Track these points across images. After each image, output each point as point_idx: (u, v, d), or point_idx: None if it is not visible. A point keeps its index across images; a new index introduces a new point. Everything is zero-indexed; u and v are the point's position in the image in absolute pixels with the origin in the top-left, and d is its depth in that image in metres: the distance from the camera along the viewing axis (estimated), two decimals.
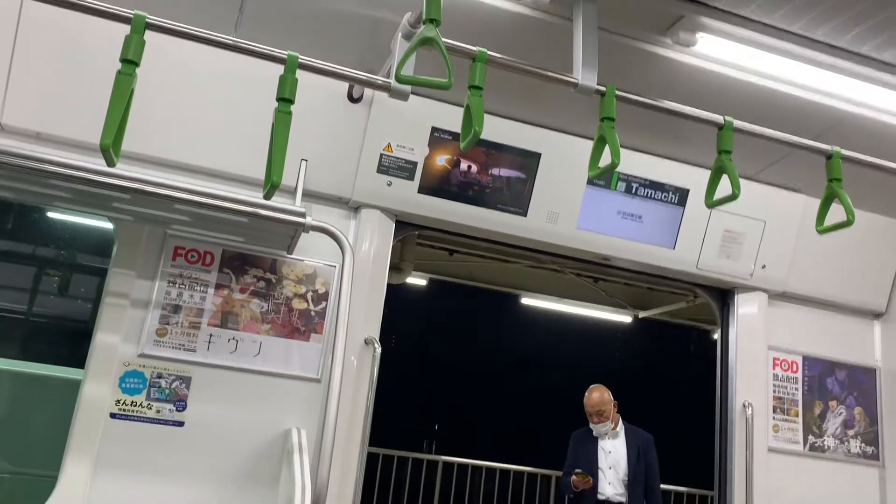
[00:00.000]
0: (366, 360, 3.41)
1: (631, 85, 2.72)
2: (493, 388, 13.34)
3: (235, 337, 3.33)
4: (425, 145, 3.55)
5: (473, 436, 12.17)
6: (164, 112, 3.26)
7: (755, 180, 4.00)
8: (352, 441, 3.31)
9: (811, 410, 4.25)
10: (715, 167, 2.67)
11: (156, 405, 3.20)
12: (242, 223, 3.10)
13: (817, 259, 4.19)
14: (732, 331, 4.24)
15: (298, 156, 3.38)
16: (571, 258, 4.21)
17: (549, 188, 3.74)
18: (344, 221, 3.57)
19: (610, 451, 4.52)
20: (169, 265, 3.33)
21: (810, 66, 3.09)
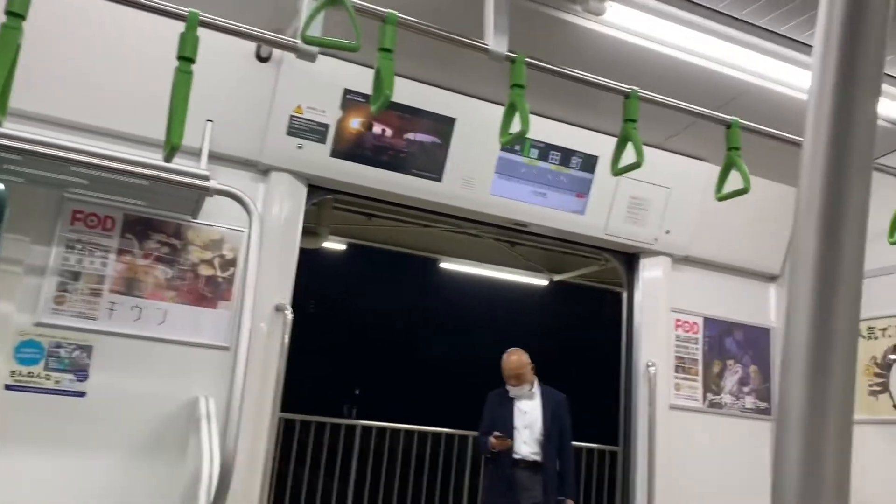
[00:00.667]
0: (276, 327, 3.37)
1: (542, 52, 2.74)
2: (414, 352, 13.47)
3: (139, 304, 3.23)
4: (337, 107, 3.48)
5: (394, 399, 12.28)
6: (60, 68, 3.08)
7: (661, 148, 4.12)
8: (262, 408, 3.28)
9: (710, 369, 4.47)
10: (620, 136, 2.72)
11: (55, 375, 3.08)
12: (144, 186, 2.98)
13: (718, 225, 4.37)
14: (637, 293, 4.40)
15: (204, 117, 3.26)
16: (487, 224, 4.26)
17: (463, 154, 3.75)
18: (253, 185, 3.48)
19: (526, 412, 4.62)
20: (67, 230, 3.19)
21: (714, 38, 3.20)
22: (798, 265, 0.55)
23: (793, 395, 0.51)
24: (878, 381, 4.19)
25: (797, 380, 0.51)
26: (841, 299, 0.53)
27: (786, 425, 0.51)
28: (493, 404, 4.75)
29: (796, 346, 0.52)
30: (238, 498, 3.06)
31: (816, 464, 0.50)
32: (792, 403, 0.51)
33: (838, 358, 0.50)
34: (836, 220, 0.54)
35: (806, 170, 0.57)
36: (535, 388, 4.68)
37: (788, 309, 0.55)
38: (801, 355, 0.51)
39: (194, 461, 2.96)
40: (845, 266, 0.54)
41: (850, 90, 0.56)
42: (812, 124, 0.57)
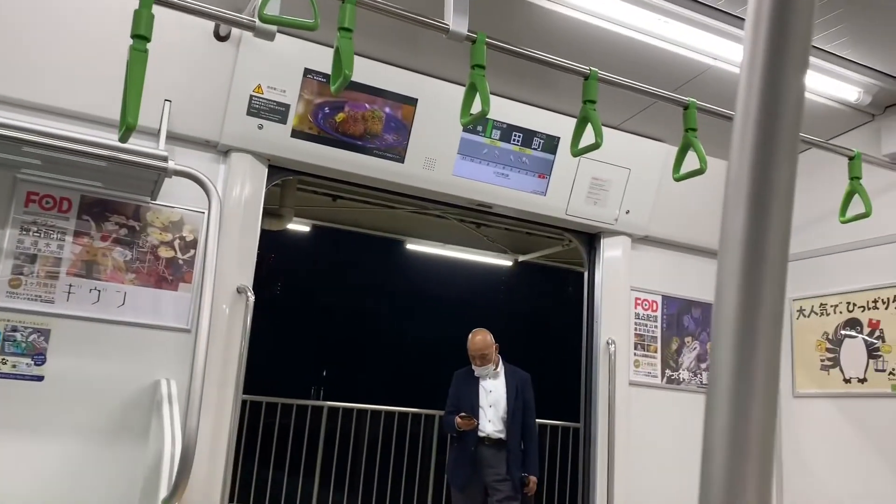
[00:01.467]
0: (238, 309, 3.35)
1: (503, 33, 2.75)
2: (381, 333, 13.49)
3: (98, 287, 3.19)
4: (298, 87, 3.45)
5: (361, 380, 12.31)
6: (12, 46, 3.00)
7: (621, 129, 4.17)
8: (225, 390, 3.27)
9: (669, 346, 4.56)
10: (580, 116, 2.76)
11: (11, 359, 3.04)
12: (101, 167, 2.93)
13: (676, 204, 4.44)
14: (598, 273, 4.46)
15: (162, 96, 3.22)
16: (451, 205, 4.27)
17: (425, 135, 3.75)
18: (213, 166, 3.44)
19: (490, 391, 4.68)
20: (21, 212, 3.12)
21: (673, 20, 3.24)
22: (727, 241, 0.57)
23: (721, 369, 0.53)
24: (830, 357, 4.32)
25: (725, 354, 0.53)
26: (768, 275, 0.55)
27: (714, 399, 0.53)
28: (459, 383, 4.80)
29: (724, 323, 0.54)
30: (201, 479, 3.06)
31: (743, 434, 0.52)
32: (720, 377, 0.53)
33: (764, 333, 0.53)
34: (763, 194, 0.57)
35: (736, 144, 0.59)
36: (500, 368, 4.74)
37: (717, 286, 0.57)
38: (729, 331, 0.54)
39: (156, 443, 2.95)
40: (772, 242, 0.56)
41: (780, 64, 0.58)
42: (742, 99, 0.59)
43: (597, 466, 4.20)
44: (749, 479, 0.51)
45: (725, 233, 0.58)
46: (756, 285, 0.55)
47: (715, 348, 0.55)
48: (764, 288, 0.55)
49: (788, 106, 0.58)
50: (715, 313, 0.57)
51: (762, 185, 0.57)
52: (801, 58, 0.59)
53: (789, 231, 0.58)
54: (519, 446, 4.59)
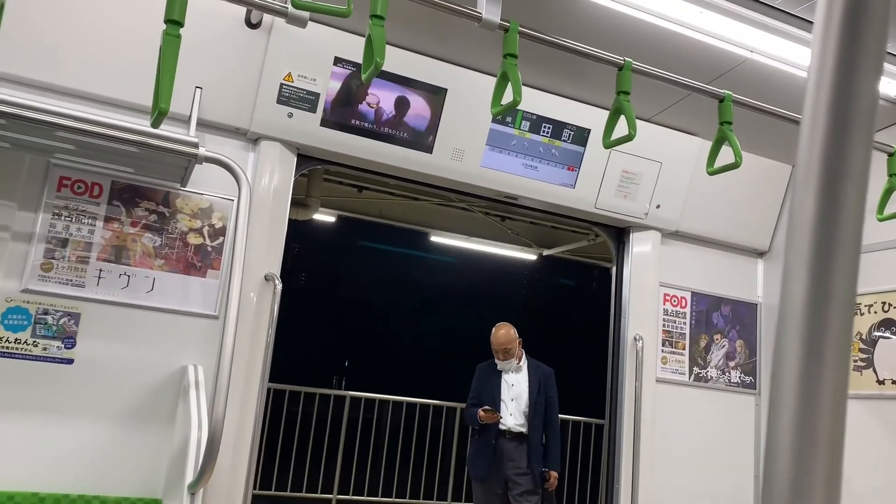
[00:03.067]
0: (266, 297, 3.36)
1: (535, 22, 2.71)
2: (403, 324, 13.52)
3: (127, 272, 3.21)
4: (328, 76, 3.44)
5: (383, 371, 12.35)
6: (48, 32, 3.03)
7: (654, 122, 4.11)
8: (251, 378, 3.29)
9: (697, 343, 4.50)
10: (613, 108, 2.71)
11: (42, 342, 3.07)
12: (132, 153, 2.94)
13: (708, 200, 4.37)
14: (627, 268, 4.41)
15: (193, 83, 3.22)
16: (477, 196, 4.24)
17: (454, 125, 3.72)
18: (242, 153, 3.45)
19: (513, 384, 4.65)
20: (53, 196, 3.15)
21: (709, 11, 3.17)
22: (795, 242, 0.54)
23: (786, 369, 0.51)
24: (863, 357, 4.23)
25: (791, 354, 0.51)
26: (839, 278, 0.53)
27: (778, 400, 0.51)
28: (482, 376, 4.78)
29: (791, 321, 0.52)
30: (226, 465, 3.08)
31: (811, 432, 0.50)
32: (786, 373, 0.51)
33: (834, 333, 0.50)
34: (834, 200, 0.54)
35: (804, 146, 0.56)
36: (523, 362, 4.71)
37: (783, 290, 0.55)
38: (797, 329, 0.51)
39: (182, 429, 2.97)
40: (843, 245, 0.53)
41: (852, 67, 0.55)
42: (811, 102, 0.56)
43: (622, 463, 4.16)
44: (817, 481, 0.49)
45: (793, 235, 0.55)
46: (826, 291, 0.52)
47: (781, 342, 0.53)
48: (835, 293, 0.52)
49: (861, 109, 0.55)
50: (780, 316, 0.54)
51: (834, 189, 0.54)
52: (876, 60, 0.56)
53: (860, 237, 0.55)
54: (540, 441, 4.56)
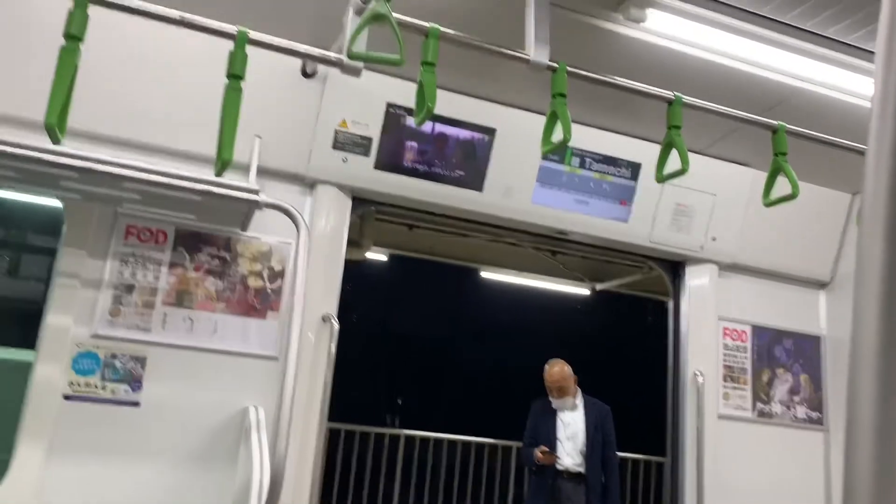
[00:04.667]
0: (323, 337, 3.42)
1: (583, 60, 2.74)
2: (456, 362, 13.47)
3: (191, 316, 3.31)
4: (381, 121, 3.53)
5: (436, 409, 12.30)
6: (113, 88, 3.19)
7: (706, 154, 4.08)
8: (310, 418, 3.33)
9: (759, 378, 4.38)
10: (665, 142, 2.71)
11: (110, 386, 3.17)
12: (195, 201, 3.06)
13: (765, 231, 4.30)
14: (684, 302, 4.34)
15: (252, 132, 3.35)
16: (528, 232, 4.26)
17: (504, 163, 3.77)
18: (300, 198, 3.55)
19: (569, 423, 4.60)
20: (121, 244, 3.28)
21: (757, 42, 3.15)
22: (864, 275, 0.54)
23: (862, 403, 0.51)
24: None
25: (866, 388, 0.51)
26: None
27: (856, 434, 0.51)
28: (537, 415, 4.74)
29: (865, 354, 0.52)
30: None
31: (890, 470, 0.49)
32: (862, 413, 0.51)
33: None
34: None
35: (870, 177, 0.56)
36: (578, 400, 4.66)
37: (854, 320, 0.55)
38: (870, 363, 0.51)
39: (245, 470, 3.02)
40: None
41: None
42: (876, 131, 0.57)
43: (685, 503, 4.05)
44: None
45: (862, 268, 0.55)
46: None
47: (855, 380, 0.53)
48: None
49: None
50: (853, 348, 0.54)
51: None
52: None
53: None
54: (599, 480, 4.48)
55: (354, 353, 11.26)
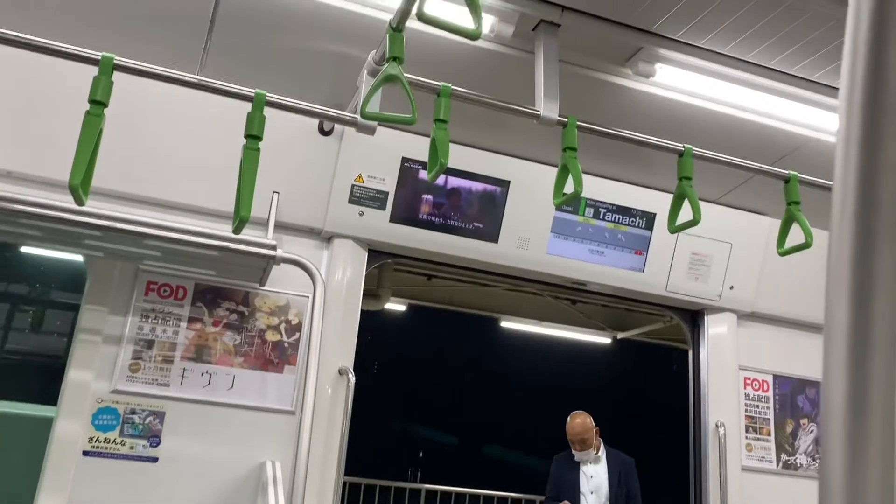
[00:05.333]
0: (340, 391, 3.42)
1: (593, 114, 2.79)
2: (477, 413, 13.31)
3: (209, 371, 3.33)
4: (396, 175, 3.59)
5: (457, 462, 12.12)
6: (134, 148, 3.28)
7: (720, 203, 4.09)
8: (327, 472, 3.31)
9: (783, 429, 4.29)
10: (676, 193, 2.73)
11: (129, 441, 3.19)
12: (214, 257, 3.11)
13: (784, 279, 4.26)
14: (703, 351, 4.30)
15: (270, 188, 3.42)
16: (544, 283, 4.26)
17: (518, 215, 3.80)
18: (317, 252, 3.60)
19: (592, 476, 4.52)
20: (141, 300, 3.34)
21: (767, 94, 3.19)
22: (831, 322, 0.56)
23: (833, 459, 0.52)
24: None
25: (837, 445, 0.52)
26: (875, 360, 0.53)
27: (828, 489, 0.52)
28: (559, 468, 4.66)
29: (835, 414, 0.53)
30: None
31: None
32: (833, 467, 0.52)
33: (876, 423, 0.51)
34: (867, 270, 0.55)
35: (836, 213, 0.58)
36: (601, 452, 4.59)
37: (824, 372, 0.56)
38: (840, 422, 0.52)
39: None
40: (879, 314, 0.54)
41: (876, 134, 0.57)
42: (841, 167, 0.58)
43: None
44: None
45: (830, 311, 0.56)
46: (864, 372, 0.53)
47: (825, 440, 0.54)
48: (872, 372, 0.53)
49: (888, 172, 0.57)
50: (823, 408, 0.55)
51: (865, 263, 0.56)
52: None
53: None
54: None
55: (375, 404, 11.21)
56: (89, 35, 2.85)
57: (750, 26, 2.76)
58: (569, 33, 2.81)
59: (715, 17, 2.72)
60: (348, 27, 2.94)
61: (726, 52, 2.95)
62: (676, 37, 2.87)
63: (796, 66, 3.00)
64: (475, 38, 2.09)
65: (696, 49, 2.93)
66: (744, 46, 2.91)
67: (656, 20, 2.76)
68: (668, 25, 2.80)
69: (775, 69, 3.04)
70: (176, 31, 3.00)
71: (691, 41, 2.89)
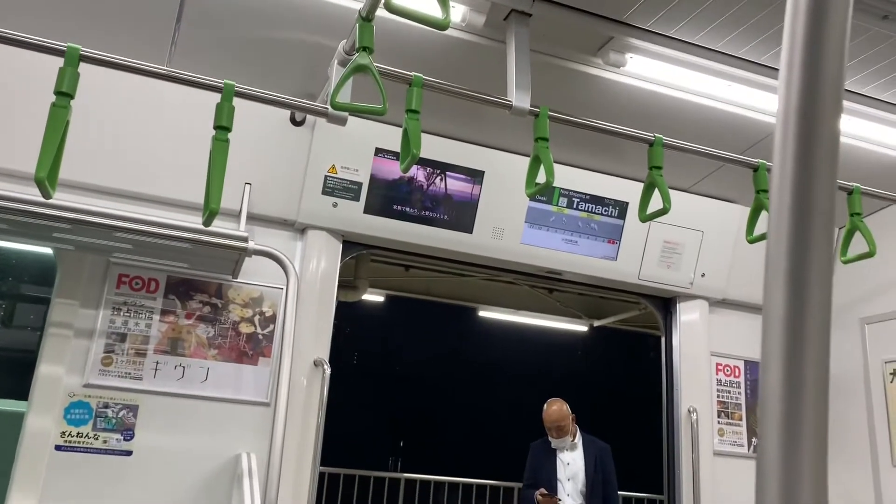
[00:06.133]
0: (315, 382, 3.42)
1: (565, 104, 2.81)
2: (456, 402, 13.37)
3: (182, 363, 3.32)
4: (370, 166, 3.58)
5: (437, 450, 12.17)
6: (103, 140, 3.25)
7: (691, 192, 4.13)
8: (303, 463, 3.31)
9: (754, 413, 4.36)
10: (647, 182, 2.76)
11: (102, 435, 3.17)
12: (186, 249, 3.09)
13: (755, 266, 4.32)
14: (675, 338, 4.35)
15: (242, 179, 3.40)
16: (519, 272, 4.29)
17: (493, 205, 3.81)
18: (290, 243, 3.58)
19: (568, 463, 4.56)
20: (113, 293, 3.31)
21: (736, 83, 3.23)
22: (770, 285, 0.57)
23: (769, 442, 0.53)
24: None
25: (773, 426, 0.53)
26: (809, 343, 0.55)
27: (764, 472, 0.53)
28: (536, 455, 4.70)
29: (770, 399, 0.54)
30: None
31: None
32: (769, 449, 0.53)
33: (809, 406, 0.53)
34: (805, 235, 0.56)
35: (775, 190, 0.59)
36: (578, 439, 4.63)
37: (762, 357, 0.58)
38: (776, 406, 0.54)
39: None
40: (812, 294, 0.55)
41: (813, 110, 0.58)
42: (779, 145, 0.60)
43: None
44: None
45: (769, 283, 0.58)
46: (799, 356, 0.55)
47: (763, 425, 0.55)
48: (807, 357, 0.54)
49: (825, 149, 0.58)
50: (761, 391, 0.57)
51: (801, 251, 0.57)
52: (834, 104, 0.59)
53: (830, 294, 0.57)
54: None
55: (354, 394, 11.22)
56: (55, 27, 2.81)
57: (719, 15, 2.79)
58: (540, 23, 2.81)
59: (685, 7, 2.74)
60: (318, 17, 2.92)
61: (696, 41, 2.97)
62: (647, 26, 2.89)
63: (765, 55, 3.03)
64: (444, 28, 2.10)
65: (666, 39, 2.95)
66: (714, 36, 2.93)
67: (627, 10, 2.78)
68: (639, 15, 2.81)
69: (745, 59, 3.07)
70: (142, 22, 2.96)
71: (662, 31, 2.91)
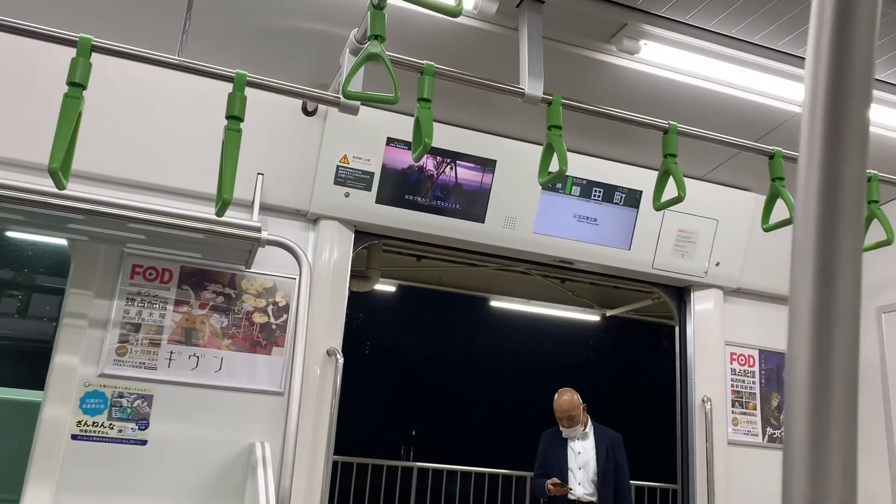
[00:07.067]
0: (328, 371, 3.43)
1: (578, 92, 2.78)
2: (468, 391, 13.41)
3: (196, 353, 3.33)
4: (381, 155, 3.57)
5: (449, 439, 12.22)
6: (117, 131, 3.25)
7: (706, 180, 4.09)
8: (316, 452, 3.33)
9: (769, 403, 4.34)
10: (661, 170, 2.73)
11: (118, 425, 3.19)
12: (199, 239, 3.10)
13: (770, 255, 4.28)
14: (690, 327, 4.33)
15: (255, 170, 3.40)
16: (531, 262, 4.27)
17: (505, 194, 3.79)
18: (303, 233, 3.59)
19: (580, 452, 4.57)
20: (127, 283, 3.32)
21: (751, 70, 3.18)
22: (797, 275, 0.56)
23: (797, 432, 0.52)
24: None
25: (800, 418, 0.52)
26: (838, 331, 0.54)
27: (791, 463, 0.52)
28: (547, 445, 4.71)
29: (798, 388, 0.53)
30: None
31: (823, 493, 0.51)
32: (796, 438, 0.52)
33: (839, 400, 0.52)
34: (833, 227, 0.55)
35: (802, 181, 0.58)
36: (589, 428, 4.63)
37: (788, 346, 0.56)
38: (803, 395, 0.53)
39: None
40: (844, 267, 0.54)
41: (842, 98, 0.57)
42: (806, 136, 0.59)
43: None
44: None
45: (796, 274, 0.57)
46: (827, 345, 0.54)
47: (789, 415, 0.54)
48: (834, 346, 0.53)
49: (854, 139, 0.57)
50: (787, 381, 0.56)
51: (829, 238, 0.56)
52: (864, 92, 0.58)
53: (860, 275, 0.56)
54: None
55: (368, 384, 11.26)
56: (67, 17, 2.81)
57: (735, 1, 2.75)
58: (553, 10, 2.79)
59: None
60: (330, 5, 2.91)
61: (711, 27, 2.94)
62: (661, 12, 2.86)
63: (781, 42, 2.99)
64: (456, 15, 2.08)
65: (680, 25, 2.92)
66: (728, 22, 2.90)
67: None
68: (653, 1, 2.78)
69: (760, 45, 3.03)
70: (154, 12, 2.96)
71: (676, 17, 2.88)
